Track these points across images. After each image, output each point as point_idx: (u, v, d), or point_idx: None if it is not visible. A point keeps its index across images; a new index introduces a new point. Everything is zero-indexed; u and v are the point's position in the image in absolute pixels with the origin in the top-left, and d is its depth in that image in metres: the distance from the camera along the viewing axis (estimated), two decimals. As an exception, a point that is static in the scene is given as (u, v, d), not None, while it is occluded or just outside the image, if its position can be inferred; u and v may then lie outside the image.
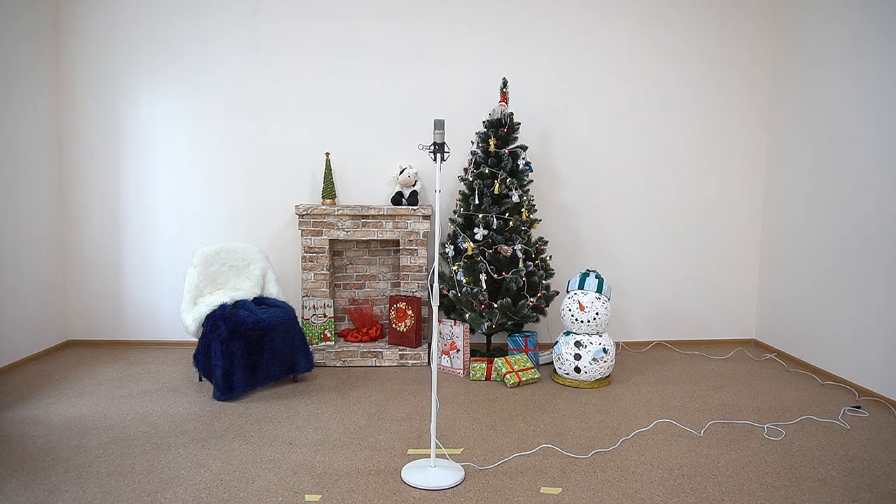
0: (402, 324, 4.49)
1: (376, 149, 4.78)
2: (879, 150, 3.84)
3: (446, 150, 2.88)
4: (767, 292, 4.95)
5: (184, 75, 4.72)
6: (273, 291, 4.29)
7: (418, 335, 4.48)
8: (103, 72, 4.70)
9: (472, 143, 4.47)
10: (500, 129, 4.30)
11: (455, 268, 4.26)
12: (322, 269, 4.53)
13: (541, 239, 4.47)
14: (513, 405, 3.74)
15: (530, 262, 4.25)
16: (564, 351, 4.10)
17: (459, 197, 4.47)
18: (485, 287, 4.17)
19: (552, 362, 4.43)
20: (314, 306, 4.52)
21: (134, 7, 4.66)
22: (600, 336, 4.12)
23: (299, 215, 4.49)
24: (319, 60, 4.72)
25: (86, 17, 4.67)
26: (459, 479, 2.80)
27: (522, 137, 4.72)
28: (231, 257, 4.25)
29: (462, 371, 4.29)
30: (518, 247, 4.22)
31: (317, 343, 4.51)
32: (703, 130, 4.92)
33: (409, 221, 4.53)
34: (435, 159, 2.86)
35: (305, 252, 4.52)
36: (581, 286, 4.18)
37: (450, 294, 4.26)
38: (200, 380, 4.09)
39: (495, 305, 4.15)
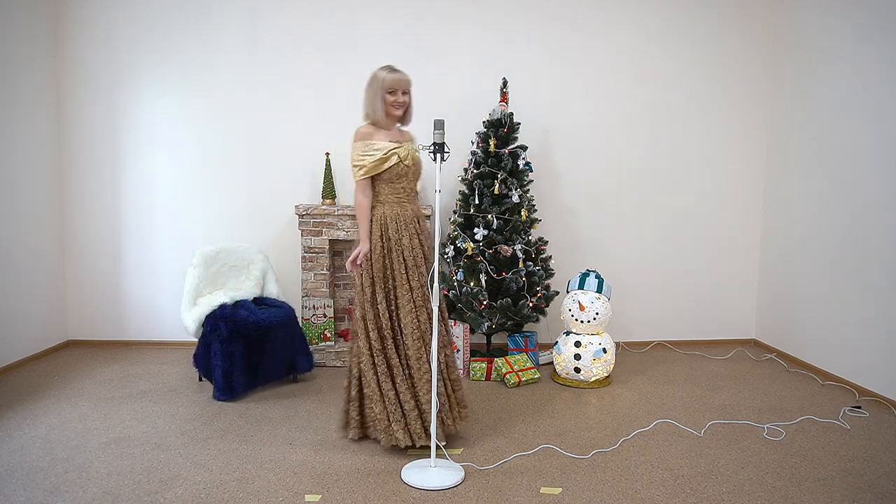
0: (402, 324, 4.48)
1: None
2: (880, 149, 3.83)
3: (446, 150, 2.88)
4: (767, 293, 4.95)
5: (183, 74, 4.72)
6: (273, 291, 4.29)
7: (418, 335, 4.47)
8: (103, 71, 4.69)
9: (472, 143, 4.46)
10: (500, 129, 4.30)
11: (455, 268, 4.26)
12: (322, 270, 4.53)
13: (541, 239, 4.47)
14: (513, 405, 3.74)
15: (530, 262, 4.25)
16: (564, 351, 4.10)
17: (459, 197, 4.46)
18: (485, 287, 4.17)
19: (552, 362, 4.43)
20: (314, 306, 4.51)
21: (134, 6, 4.65)
22: (600, 336, 4.12)
23: (299, 215, 4.48)
24: (319, 60, 4.72)
25: (86, 16, 4.66)
26: (459, 479, 2.80)
27: (522, 137, 4.71)
28: (231, 257, 4.25)
29: (462, 371, 4.29)
30: (518, 247, 4.22)
31: (317, 343, 4.51)
32: (703, 130, 4.91)
33: (409, 221, 4.52)
34: (435, 159, 2.86)
35: (305, 252, 4.52)
36: (581, 286, 4.18)
37: (450, 294, 4.26)
38: (200, 380, 4.09)
39: (495, 305, 4.15)
